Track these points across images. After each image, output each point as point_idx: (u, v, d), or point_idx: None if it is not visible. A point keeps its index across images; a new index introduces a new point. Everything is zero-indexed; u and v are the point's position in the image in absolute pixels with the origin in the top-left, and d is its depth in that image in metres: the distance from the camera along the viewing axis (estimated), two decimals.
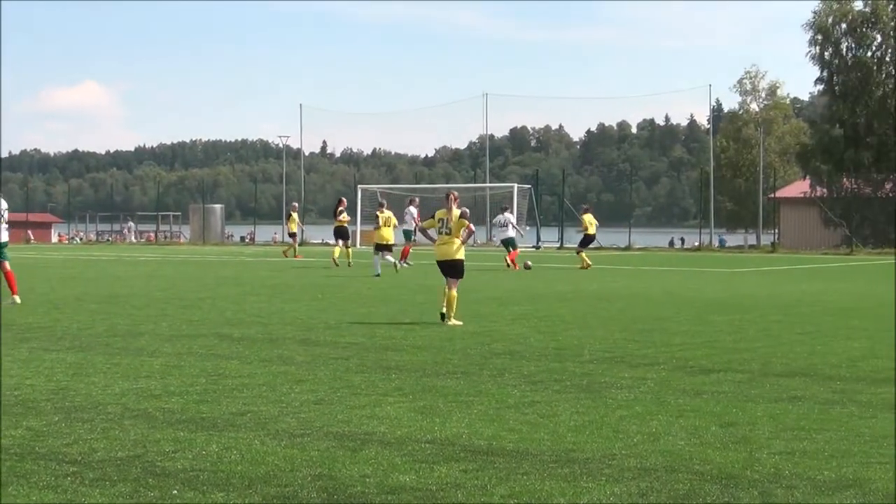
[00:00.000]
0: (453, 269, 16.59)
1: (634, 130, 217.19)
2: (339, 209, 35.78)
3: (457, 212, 16.81)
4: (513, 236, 34.96)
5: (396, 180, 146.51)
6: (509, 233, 34.88)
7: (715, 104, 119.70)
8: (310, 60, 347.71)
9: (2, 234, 18.92)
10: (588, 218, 35.56)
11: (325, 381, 10.62)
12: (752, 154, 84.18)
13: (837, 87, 68.18)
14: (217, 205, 78.20)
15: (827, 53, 68.40)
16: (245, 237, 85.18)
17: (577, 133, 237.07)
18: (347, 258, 34.50)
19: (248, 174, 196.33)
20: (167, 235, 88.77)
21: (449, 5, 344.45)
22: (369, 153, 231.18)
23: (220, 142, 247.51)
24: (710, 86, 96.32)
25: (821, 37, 68.19)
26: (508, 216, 35.28)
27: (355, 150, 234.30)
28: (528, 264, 33.37)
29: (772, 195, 70.48)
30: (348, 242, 35.36)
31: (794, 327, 16.03)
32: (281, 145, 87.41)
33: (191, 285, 24.86)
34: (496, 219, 36.88)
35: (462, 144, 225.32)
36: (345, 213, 35.98)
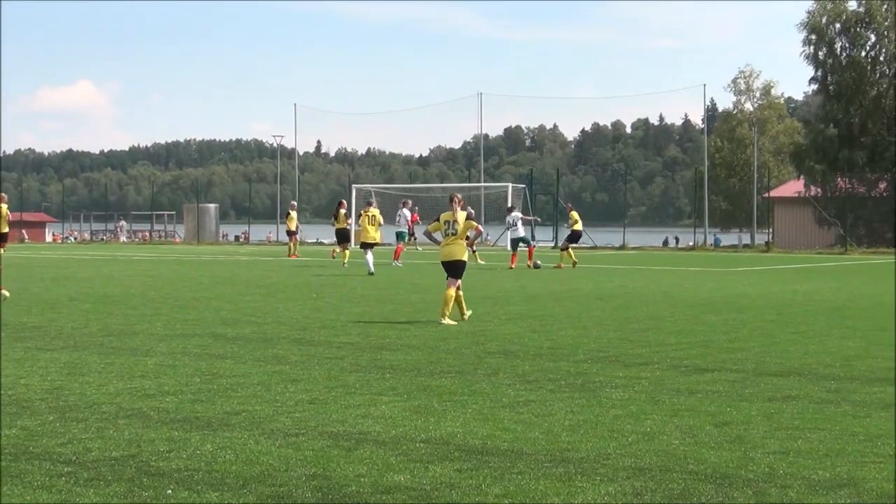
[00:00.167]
0: (454, 269, 16.80)
1: (629, 130, 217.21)
2: (341, 211, 35.78)
3: (462, 213, 17.13)
4: (524, 235, 35.04)
5: (391, 180, 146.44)
6: (520, 232, 34.97)
7: (709, 104, 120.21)
8: (304, 60, 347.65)
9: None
10: (574, 214, 35.85)
11: (319, 380, 10.62)
12: (747, 154, 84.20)
13: (831, 87, 68.20)
14: (211, 204, 78.13)
15: (821, 53, 68.41)
16: (239, 237, 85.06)
17: (571, 133, 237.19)
18: (344, 259, 34.54)
19: (243, 174, 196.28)
20: (161, 235, 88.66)
21: (443, 5, 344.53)
22: (364, 153, 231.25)
23: (214, 141, 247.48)
24: (704, 85, 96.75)
25: (815, 36, 68.19)
26: (516, 215, 35.35)
27: (350, 149, 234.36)
28: (538, 263, 33.67)
29: (766, 195, 70.51)
30: (348, 245, 35.36)
31: (789, 327, 16.06)
32: (275, 145, 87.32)
33: (185, 285, 24.84)
34: (507, 220, 36.92)
35: (456, 144, 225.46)
36: (345, 214, 36.00)
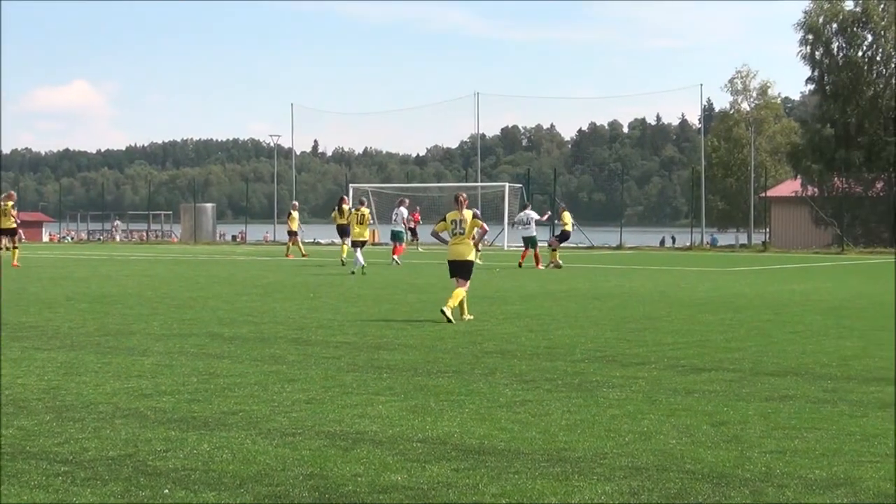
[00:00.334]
0: (463, 270, 16.98)
1: (626, 130, 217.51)
2: (344, 207, 35.74)
3: (468, 212, 17.36)
4: (534, 235, 35.08)
5: (388, 179, 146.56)
6: (531, 231, 35.00)
7: (706, 104, 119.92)
8: (301, 60, 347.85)
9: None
10: (567, 215, 35.94)
11: (316, 380, 10.62)
12: (744, 153, 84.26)
13: (828, 87, 68.26)
14: (208, 204, 78.14)
15: (818, 53, 68.48)
16: (236, 236, 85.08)
17: (568, 132, 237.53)
18: (343, 254, 34.70)
19: (240, 173, 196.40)
20: (158, 235, 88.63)
21: (440, 5, 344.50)
22: (361, 152, 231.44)
23: (211, 141, 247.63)
24: (701, 85, 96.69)
25: (812, 36, 68.26)
26: (530, 213, 35.36)
27: (346, 149, 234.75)
28: (560, 263, 33.93)
29: (763, 194, 70.54)
30: (347, 240, 35.35)
31: (785, 326, 16.05)
32: (272, 144, 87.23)
33: (182, 284, 24.82)
34: (518, 217, 36.91)
35: (453, 144, 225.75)
36: (348, 210, 35.97)
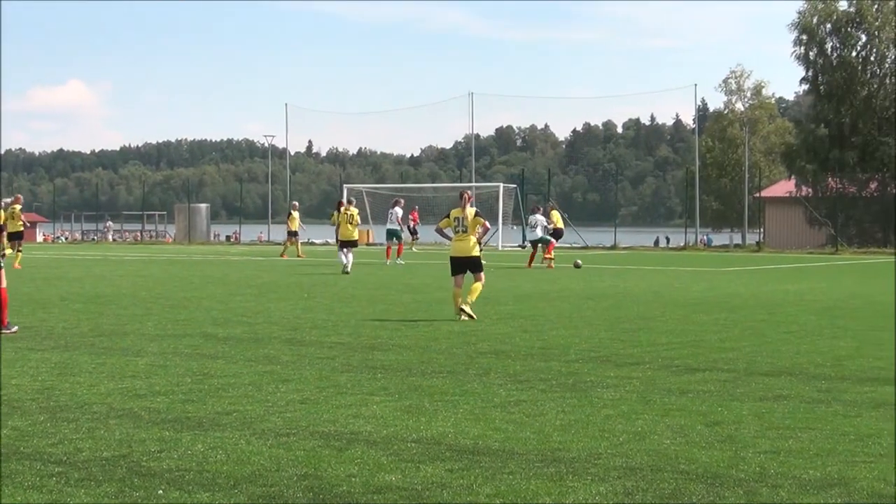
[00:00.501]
0: (472, 266, 17.33)
1: (620, 130, 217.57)
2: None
3: (471, 210, 17.65)
4: (541, 236, 35.10)
5: (382, 180, 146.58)
6: (538, 233, 35.04)
7: (700, 104, 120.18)
8: (295, 60, 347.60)
9: None
10: (556, 214, 36.06)
11: (310, 380, 10.62)
12: (738, 153, 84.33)
13: (822, 87, 68.28)
14: (202, 204, 77.98)
15: (812, 53, 68.50)
16: (231, 236, 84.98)
17: (562, 132, 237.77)
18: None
19: (234, 174, 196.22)
20: (152, 235, 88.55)
21: (435, 5, 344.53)
22: (355, 153, 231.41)
23: (205, 141, 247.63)
24: (695, 85, 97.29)
25: (806, 37, 68.28)
26: (539, 217, 35.40)
27: (341, 149, 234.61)
28: (578, 263, 34.23)
29: (757, 194, 70.61)
30: None
31: (780, 326, 16.07)
32: (266, 145, 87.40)
33: (176, 285, 24.80)
34: (530, 219, 36.94)
35: (448, 144, 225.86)
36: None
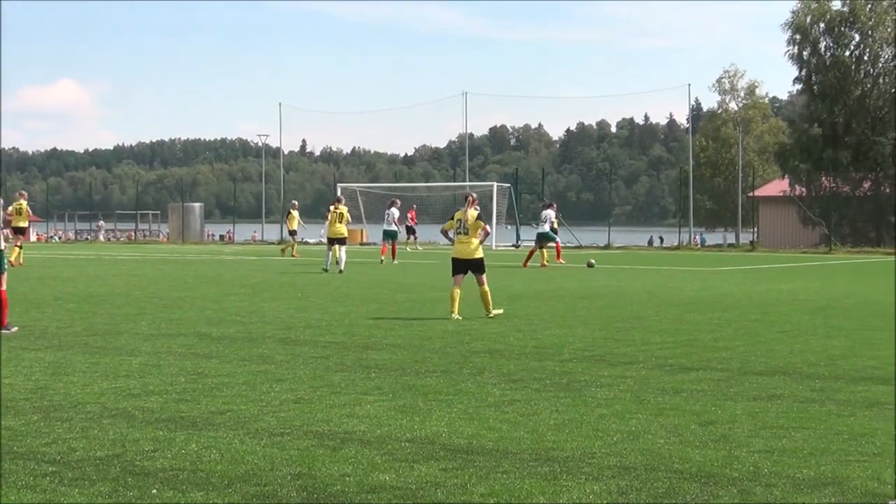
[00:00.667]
0: (474, 267, 17.40)
1: (614, 129, 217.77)
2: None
3: (473, 213, 17.44)
4: (547, 231, 35.10)
5: (376, 179, 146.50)
6: (545, 228, 35.06)
7: (694, 103, 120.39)
8: (289, 59, 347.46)
9: None
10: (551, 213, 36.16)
11: (304, 380, 10.61)
12: (731, 153, 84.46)
13: (816, 87, 68.33)
14: (196, 203, 77.92)
15: (805, 53, 68.55)
16: (224, 236, 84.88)
17: (556, 132, 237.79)
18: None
19: (228, 173, 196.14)
20: (146, 234, 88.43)
21: (430, 4, 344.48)
22: (349, 152, 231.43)
23: (199, 140, 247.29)
24: (689, 85, 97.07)
25: (799, 36, 68.33)
26: (550, 212, 35.43)
27: (335, 148, 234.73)
28: (592, 262, 34.48)
29: (751, 194, 70.65)
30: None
31: (773, 326, 16.09)
32: (260, 144, 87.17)
33: (170, 284, 24.77)
34: (542, 214, 36.93)
35: (442, 143, 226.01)
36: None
